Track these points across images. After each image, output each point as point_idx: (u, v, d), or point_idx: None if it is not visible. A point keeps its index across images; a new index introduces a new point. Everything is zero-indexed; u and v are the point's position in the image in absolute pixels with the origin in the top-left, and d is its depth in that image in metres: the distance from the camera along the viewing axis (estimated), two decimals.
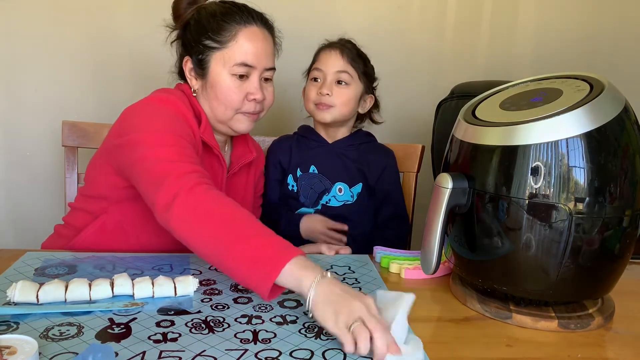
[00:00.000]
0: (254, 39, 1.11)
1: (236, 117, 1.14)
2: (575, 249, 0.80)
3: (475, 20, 2.00)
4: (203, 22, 1.12)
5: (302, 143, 1.39)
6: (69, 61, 1.77)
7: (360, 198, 1.34)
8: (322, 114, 1.32)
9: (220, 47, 1.10)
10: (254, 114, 1.16)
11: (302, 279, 0.78)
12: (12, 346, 0.66)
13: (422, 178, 1.53)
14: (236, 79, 1.11)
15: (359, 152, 1.37)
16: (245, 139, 1.27)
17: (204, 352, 0.72)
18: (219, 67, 1.11)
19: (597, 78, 0.86)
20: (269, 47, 1.14)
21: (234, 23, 1.10)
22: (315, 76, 1.33)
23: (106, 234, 1.12)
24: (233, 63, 1.10)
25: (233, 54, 1.10)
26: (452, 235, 0.92)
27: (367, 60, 1.36)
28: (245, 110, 1.14)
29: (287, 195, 1.37)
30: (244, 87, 1.12)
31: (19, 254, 1.03)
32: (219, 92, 1.11)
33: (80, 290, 0.85)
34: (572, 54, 2.03)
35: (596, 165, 0.79)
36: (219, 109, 1.13)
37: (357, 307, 0.74)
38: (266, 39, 1.14)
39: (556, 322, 0.85)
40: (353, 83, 1.32)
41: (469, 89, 1.55)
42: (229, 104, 1.12)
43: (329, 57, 1.32)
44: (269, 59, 1.14)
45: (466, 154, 0.88)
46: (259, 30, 1.12)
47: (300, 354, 0.73)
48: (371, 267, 1.08)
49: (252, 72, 1.12)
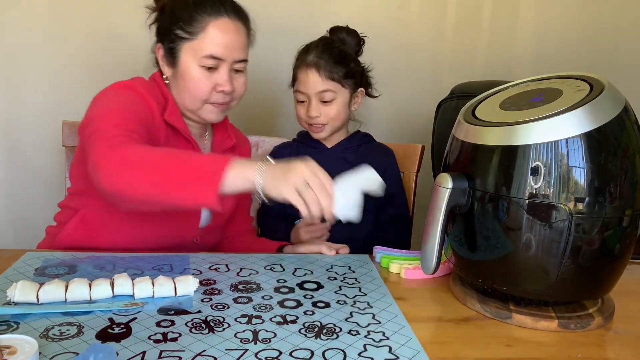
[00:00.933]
0: (224, 31, 1.10)
1: (205, 107, 1.14)
2: (575, 249, 0.80)
3: (475, 20, 2.00)
4: (176, 11, 1.11)
5: (302, 150, 1.38)
6: (69, 61, 1.77)
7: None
8: (317, 134, 1.33)
9: (190, 38, 1.09)
10: (222, 105, 1.15)
11: (246, 173, 0.85)
12: (12, 346, 0.66)
13: (422, 178, 1.53)
14: (205, 70, 1.10)
15: (359, 154, 1.37)
16: (225, 126, 1.27)
17: (204, 352, 0.72)
18: (188, 58, 1.10)
19: (597, 78, 0.86)
20: (240, 39, 1.13)
21: (205, 14, 1.09)
22: (299, 99, 1.32)
23: (87, 229, 1.12)
24: (202, 55, 1.09)
25: (202, 45, 1.09)
26: (452, 235, 0.92)
27: (348, 58, 1.32)
28: (213, 100, 1.13)
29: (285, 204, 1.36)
30: (213, 79, 1.11)
31: (19, 254, 1.03)
32: (188, 82, 1.11)
33: (80, 290, 0.85)
34: (572, 54, 2.03)
35: (596, 165, 0.79)
36: (188, 99, 1.13)
37: (301, 169, 0.85)
38: (238, 31, 1.12)
39: (556, 322, 0.85)
40: (338, 96, 1.30)
41: (469, 89, 1.55)
42: (197, 95, 1.12)
43: (306, 78, 1.29)
44: (240, 51, 1.13)
45: (466, 154, 0.88)
46: (231, 22, 1.11)
47: (300, 354, 0.73)
48: (371, 267, 1.08)
49: (221, 64, 1.11)
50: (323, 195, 0.84)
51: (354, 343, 0.77)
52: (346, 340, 0.77)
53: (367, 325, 0.82)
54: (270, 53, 1.94)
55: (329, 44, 1.32)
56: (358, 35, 1.36)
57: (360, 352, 0.74)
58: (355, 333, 0.80)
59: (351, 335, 0.79)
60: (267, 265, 1.05)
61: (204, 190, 0.84)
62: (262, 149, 1.50)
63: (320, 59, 1.29)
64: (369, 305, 0.90)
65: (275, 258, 1.10)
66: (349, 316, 0.85)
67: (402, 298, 0.94)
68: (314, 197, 0.83)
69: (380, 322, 0.84)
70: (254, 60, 1.93)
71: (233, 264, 1.05)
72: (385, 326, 0.82)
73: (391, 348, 0.76)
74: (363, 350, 0.75)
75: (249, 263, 1.06)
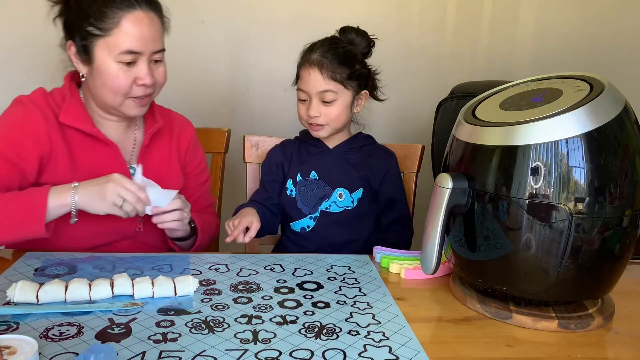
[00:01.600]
0: (138, 25, 1.07)
1: (126, 102, 1.11)
2: (575, 249, 0.80)
3: (475, 20, 2.00)
4: (84, 6, 1.07)
5: (303, 148, 1.38)
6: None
7: (361, 203, 1.33)
8: (316, 133, 1.32)
9: (104, 34, 1.06)
10: (144, 98, 1.13)
11: (61, 198, 1.01)
12: (12, 346, 0.66)
13: (422, 178, 1.53)
14: (123, 65, 1.07)
15: (361, 156, 1.36)
16: (152, 111, 1.24)
17: (204, 352, 0.72)
18: (104, 55, 1.07)
19: (597, 78, 0.86)
20: (155, 30, 1.10)
21: (116, 8, 1.06)
22: (300, 97, 1.31)
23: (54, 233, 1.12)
24: (118, 51, 1.06)
25: (117, 41, 1.06)
26: (452, 235, 0.92)
27: (353, 59, 1.30)
28: (134, 94, 1.11)
29: (285, 201, 1.35)
30: (132, 73, 1.08)
31: (19, 254, 1.04)
32: (106, 79, 1.08)
33: (80, 290, 0.85)
34: (572, 54, 2.03)
35: (596, 165, 0.79)
36: (108, 96, 1.10)
37: (111, 187, 1.01)
38: (152, 22, 1.09)
39: (556, 322, 0.85)
40: (340, 97, 1.28)
41: (469, 89, 1.55)
42: (117, 90, 1.09)
43: (309, 77, 1.27)
44: (157, 41, 1.10)
45: (466, 154, 0.88)
46: (144, 14, 1.08)
47: (300, 354, 0.73)
48: (371, 267, 1.08)
49: (139, 58, 1.08)
50: (138, 204, 1.04)
51: (354, 343, 0.77)
52: (346, 340, 0.77)
53: (367, 325, 0.82)
54: (270, 53, 1.95)
55: (334, 43, 1.30)
56: (368, 37, 1.33)
57: (360, 352, 0.74)
58: (355, 333, 0.80)
59: (351, 335, 0.79)
60: (267, 266, 1.05)
61: (32, 228, 1.00)
62: (262, 148, 1.50)
63: (324, 59, 1.26)
64: (369, 305, 0.90)
65: (275, 258, 1.10)
66: (349, 316, 0.85)
67: (402, 298, 0.94)
68: (131, 207, 1.03)
69: (380, 322, 0.84)
70: (254, 60, 1.95)
71: (233, 264, 1.05)
72: (385, 326, 0.82)
73: (391, 348, 0.76)
74: (363, 350, 0.75)
75: (249, 263, 1.06)
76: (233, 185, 1.76)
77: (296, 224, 1.33)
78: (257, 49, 1.94)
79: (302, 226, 1.33)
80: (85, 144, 1.14)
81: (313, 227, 1.32)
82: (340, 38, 1.33)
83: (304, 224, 1.33)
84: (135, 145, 1.22)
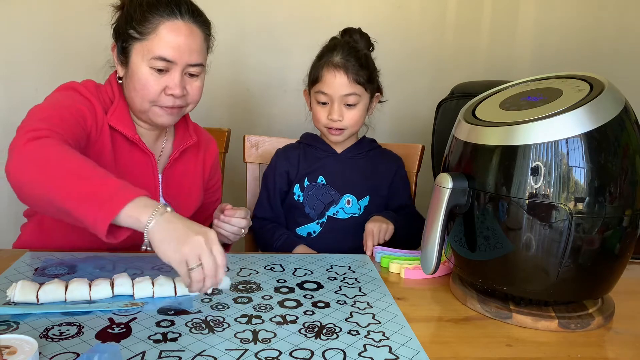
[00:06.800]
0: (176, 34, 1.07)
1: (153, 109, 1.11)
2: (575, 249, 0.80)
3: (476, 21, 2.00)
4: (130, 11, 1.09)
5: (310, 152, 1.36)
6: (70, 61, 1.77)
7: (367, 211, 1.32)
8: (335, 137, 1.30)
9: (141, 38, 1.08)
10: (173, 108, 1.13)
11: (139, 217, 0.78)
12: (12, 346, 0.66)
13: (422, 178, 1.53)
14: (154, 71, 1.08)
15: (368, 160, 1.35)
16: (186, 124, 1.24)
17: (204, 352, 0.72)
18: (138, 59, 1.08)
19: (597, 78, 0.86)
20: (194, 43, 1.10)
21: (157, 15, 1.07)
22: (321, 100, 1.28)
23: (43, 232, 1.12)
24: (151, 56, 1.07)
25: (152, 47, 1.07)
26: (452, 235, 0.92)
27: (370, 62, 1.30)
28: (162, 103, 1.11)
29: (292, 205, 1.34)
30: (163, 81, 1.09)
31: (19, 254, 1.04)
32: (136, 82, 1.09)
33: (80, 290, 0.85)
34: (572, 54, 2.03)
35: (596, 165, 0.79)
36: (136, 100, 1.11)
37: (197, 242, 0.77)
38: (192, 34, 1.09)
39: (556, 322, 0.85)
40: (361, 100, 1.27)
41: (469, 89, 1.55)
42: (144, 95, 1.09)
43: (333, 79, 1.25)
44: (194, 54, 1.10)
45: (466, 154, 0.88)
46: (184, 25, 1.08)
47: (300, 354, 0.73)
48: (371, 267, 1.08)
49: (172, 67, 1.09)
50: (210, 278, 0.79)
51: (354, 343, 0.77)
52: (346, 340, 0.77)
53: (367, 325, 0.82)
54: (270, 54, 1.95)
55: (353, 46, 1.29)
56: (369, 39, 1.33)
57: (360, 352, 0.74)
58: (355, 333, 0.80)
59: (351, 335, 0.79)
60: (267, 265, 1.05)
61: (95, 211, 0.79)
62: (262, 148, 1.50)
63: (347, 62, 1.25)
64: (369, 305, 0.90)
65: (275, 258, 1.10)
66: (349, 316, 0.85)
67: (402, 298, 0.94)
68: (201, 277, 0.77)
69: (380, 322, 0.84)
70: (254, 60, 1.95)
71: (233, 264, 1.05)
72: (385, 326, 0.82)
73: (391, 348, 0.76)
74: (363, 350, 0.75)
75: (249, 263, 1.06)
76: (233, 185, 1.76)
77: (302, 228, 1.33)
78: (257, 49, 1.94)
79: (308, 231, 1.33)
80: (125, 148, 1.13)
81: (319, 233, 1.32)
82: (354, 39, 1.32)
83: (311, 229, 1.32)
84: (162, 156, 1.22)
